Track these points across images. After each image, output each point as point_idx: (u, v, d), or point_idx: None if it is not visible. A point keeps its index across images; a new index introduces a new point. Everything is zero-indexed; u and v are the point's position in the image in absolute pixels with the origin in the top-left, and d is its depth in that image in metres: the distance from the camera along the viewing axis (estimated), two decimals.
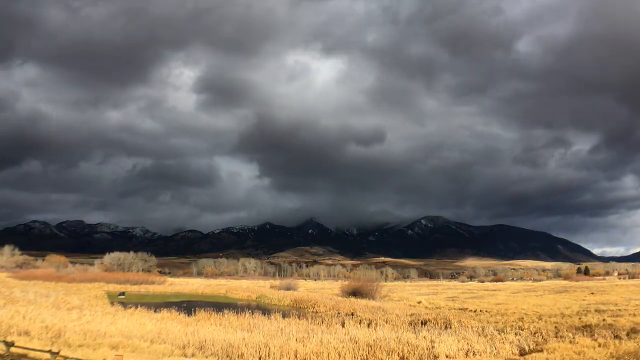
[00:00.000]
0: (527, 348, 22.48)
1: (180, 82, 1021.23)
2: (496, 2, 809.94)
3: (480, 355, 21.40)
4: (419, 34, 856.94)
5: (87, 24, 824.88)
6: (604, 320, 32.74)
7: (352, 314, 42.92)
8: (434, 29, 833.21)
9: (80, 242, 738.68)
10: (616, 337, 24.94)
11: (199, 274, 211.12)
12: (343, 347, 21.44)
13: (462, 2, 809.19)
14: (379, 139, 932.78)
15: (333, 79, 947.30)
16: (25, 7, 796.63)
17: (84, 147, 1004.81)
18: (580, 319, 34.47)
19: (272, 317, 35.19)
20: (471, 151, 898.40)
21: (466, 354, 21.61)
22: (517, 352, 22.02)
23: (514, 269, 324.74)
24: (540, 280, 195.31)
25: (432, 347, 21.91)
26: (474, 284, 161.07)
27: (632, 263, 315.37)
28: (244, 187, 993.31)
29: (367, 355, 20.62)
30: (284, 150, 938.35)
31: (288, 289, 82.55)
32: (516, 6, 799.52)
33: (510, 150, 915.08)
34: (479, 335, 25.67)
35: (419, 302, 58.41)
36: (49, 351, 15.42)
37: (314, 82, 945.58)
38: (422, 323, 34.24)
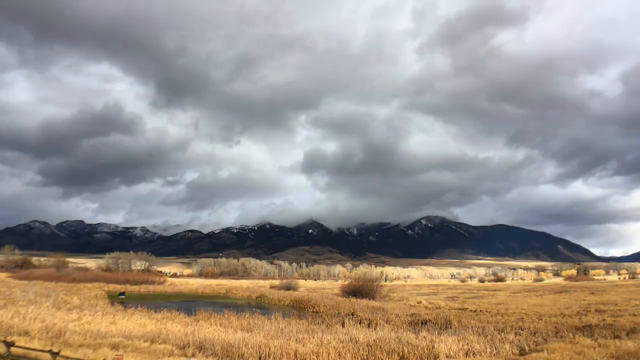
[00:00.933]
0: (527, 348, 22.46)
1: (299, 119, 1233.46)
2: (583, 82, 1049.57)
3: (480, 355, 21.39)
4: (507, 104, 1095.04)
5: (249, 83, 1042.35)
6: (604, 320, 32.74)
7: (352, 314, 42.88)
8: (522, 98, 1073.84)
9: (80, 242, 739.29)
10: (616, 337, 24.93)
11: (199, 274, 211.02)
12: (343, 347, 21.42)
13: (550, 76, 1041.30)
14: (451, 167, 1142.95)
15: (429, 124, 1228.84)
16: (205, 67, 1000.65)
17: (184, 167, 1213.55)
18: (580, 319, 34.48)
19: (272, 317, 35.21)
20: (520, 177, 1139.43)
21: (466, 353, 21.60)
22: (517, 352, 22.00)
23: (514, 269, 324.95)
24: (540, 280, 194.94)
25: (432, 347, 21.89)
26: (474, 283, 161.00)
27: (632, 263, 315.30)
28: (305, 198, 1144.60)
29: (367, 355, 20.60)
30: (370, 172, 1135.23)
31: (288, 289, 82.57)
32: (590, 79, 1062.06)
33: (550, 175, 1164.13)
34: (479, 335, 25.66)
35: (419, 302, 58.41)
36: (49, 351, 15.42)
37: (412, 127, 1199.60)
38: (422, 323, 34.25)
